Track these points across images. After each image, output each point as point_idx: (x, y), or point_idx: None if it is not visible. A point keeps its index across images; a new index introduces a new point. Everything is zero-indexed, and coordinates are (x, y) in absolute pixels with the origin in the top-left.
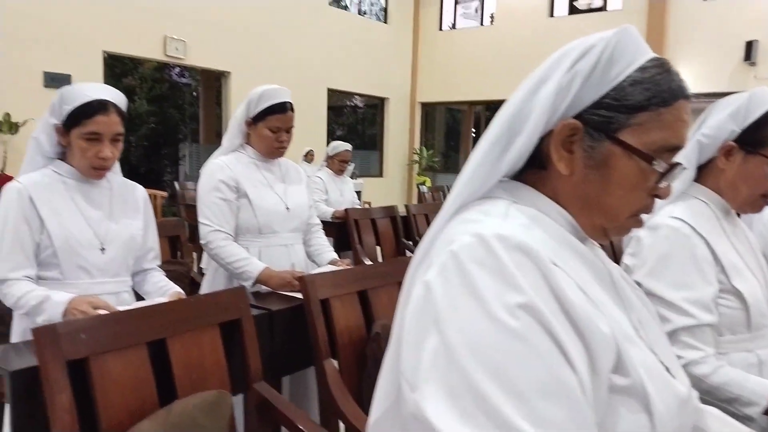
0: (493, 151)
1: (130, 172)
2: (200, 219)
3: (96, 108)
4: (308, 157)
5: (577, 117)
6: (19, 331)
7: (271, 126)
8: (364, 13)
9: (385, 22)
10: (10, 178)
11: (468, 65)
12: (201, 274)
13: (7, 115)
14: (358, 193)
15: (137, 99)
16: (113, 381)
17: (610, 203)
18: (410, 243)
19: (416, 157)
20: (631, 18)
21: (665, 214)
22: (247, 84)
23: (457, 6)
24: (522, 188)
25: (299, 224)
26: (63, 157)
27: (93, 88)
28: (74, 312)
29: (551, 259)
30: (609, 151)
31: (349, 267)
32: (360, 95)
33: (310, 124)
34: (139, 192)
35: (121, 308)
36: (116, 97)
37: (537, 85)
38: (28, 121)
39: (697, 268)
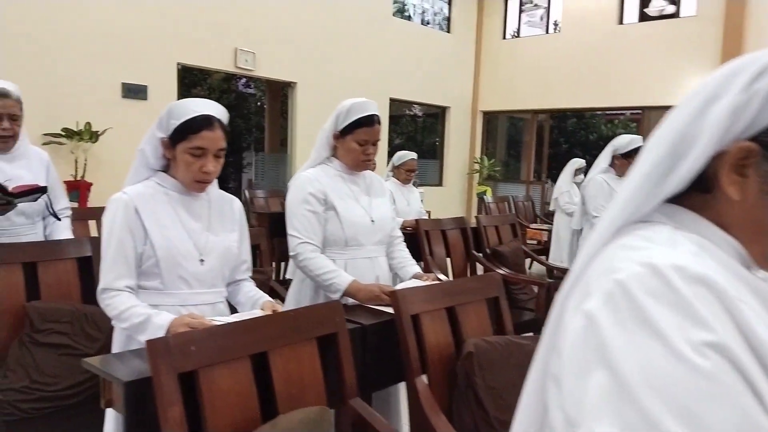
0: (654, 174)
1: None
2: (289, 231)
3: (202, 123)
4: None
5: (752, 139)
6: (120, 340)
7: (359, 139)
8: (428, 23)
9: (448, 32)
10: (89, 185)
11: (532, 73)
12: (279, 282)
13: (88, 124)
14: None
15: None
16: (220, 394)
17: None
18: (480, 255)
19: (477, 166)
20: (706, 25)
21: None
22: (312, 94)
23: (522, 14)
24: (682, 212)
25: (383, 237)
26: (166, 169)
27: (199, 103)
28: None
29: (733, 292)
30: None
31: (435, 282)
32: (421, 104)
33: None
34: (236, 205)
35: (218, 320)
36: (220, 112)
37: (705, 105)
38: (107, 130)
39: None
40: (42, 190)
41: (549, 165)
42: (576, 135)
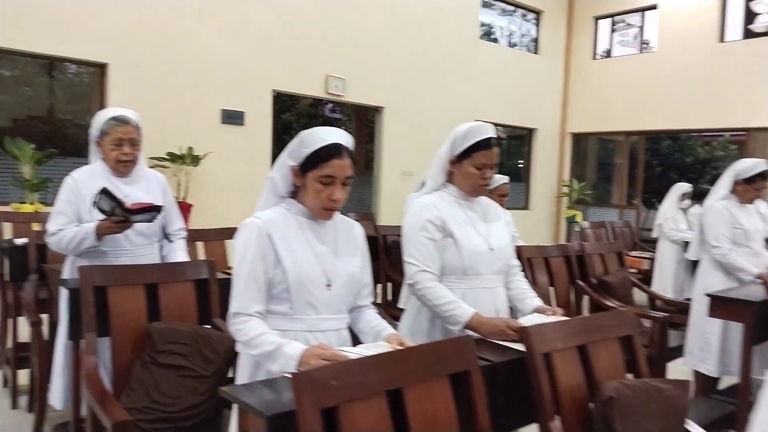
0: None
1: None
2: (407, 258)
3: (332, 152)
4: None
5: None
6: (247, 368)
7: (477, 163)
8: (515, 45)
9: (536, 53)
10: (190, 206)
11: (625, 94)
12: (387, 306)
13: (190, 148)
14: None
15: (294, 134)
16: (359, 431)
17: None
18: (585, 285)
19: (566, 190)
20: None
21: None
22: (399, 118)
23: (614, 33)
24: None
25: (502, 266)
26: (293, 195)
27: (329, 132)
28: (306, 366)
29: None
30: None
31: (564, 318)
32: (508, 127)
33: None
34: (357, 230)
35: (346, 351)
36: (349, 141)
37: None
38: (208, 154)
39: None
40: (157, 209)
41: (643, 188)
42: (670, 157)
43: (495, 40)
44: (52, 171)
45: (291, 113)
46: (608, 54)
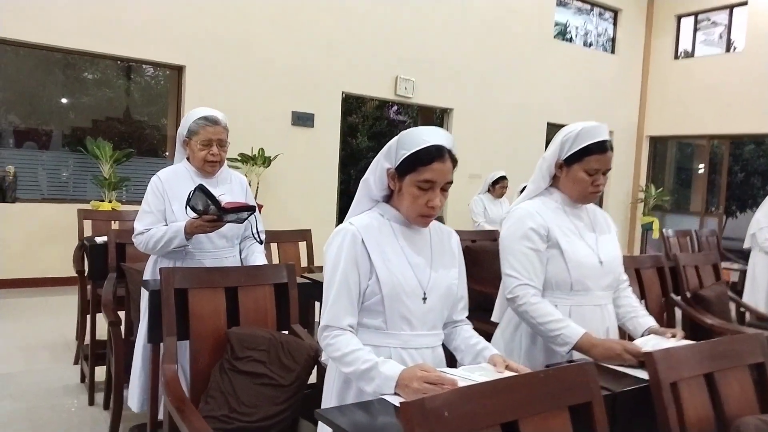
0: None
1: (348, 203)
2: (506, 270)
3: (433, 154)
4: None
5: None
6: (336, 385)
7: (589, 168)
8: (590, 45)
9: (613, 53)
10: (260, 207)
11: (708, 96)
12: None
13: (261, 150)
14: None
15: (359, 136)
16: None
17: None
18: (679, 299)
19: (642, 195)
20: None
21: None
22: (468, 120)
23: (697, 32)
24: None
25: (612, 280)
26: (388, 199)
27: (431, 132)
28: (406, 389)
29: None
30: None
31: (685, 341)
32: None
33: (529, 159)
34: (454, 238)
35: (448, 373)
36: (452, 142)
37: None
38: (279, 155)
39: None
40: (251, 209)
41: (726, 195)
42: (754, 163)
43: (570, 40)
44: (129, 170)
45: (356, 115)
46: (691, 54)
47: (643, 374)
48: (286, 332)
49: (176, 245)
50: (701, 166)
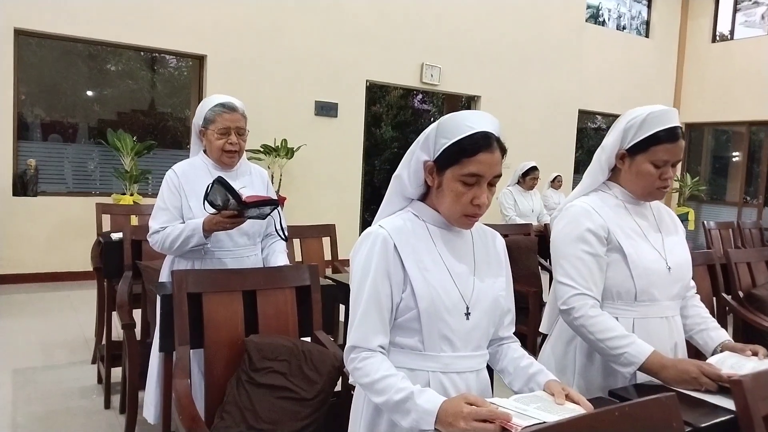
0: None
1: (372, 194)
2: (559, 277)
3: (480, 144)
4: (555, 183)
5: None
6: (365, 415)
7: (657, 159)
8: (624, 28)
9: (647, 36)
10: (283, 199)
11: (748, 80)
12: None
13: (284, 140)
14: None
15: (383, 126)
16: None
17: None
18: (730, 299)
19: (677, 185)
20: None
21: None
22: (496, 107)
23: (737, 13)
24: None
25: (681, 289)
26: (423, 197)
27: (475, 117)
28: (450, 428)
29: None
30: None
31: None
32: (616, 117)
33: (559, 149)
34: (499, 241)
35: (498, 405)
36: (499, 129)
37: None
38: (302, 146)
39: None
40: (274, 204)
41: (766, 185)
42: None
43: (602, 23)
44: (152, 163)
45: (380, 105)
46: (731, 36)
47: (724, 402)
48: (309, 340)
49: (194, 244)
50: (735, 154)
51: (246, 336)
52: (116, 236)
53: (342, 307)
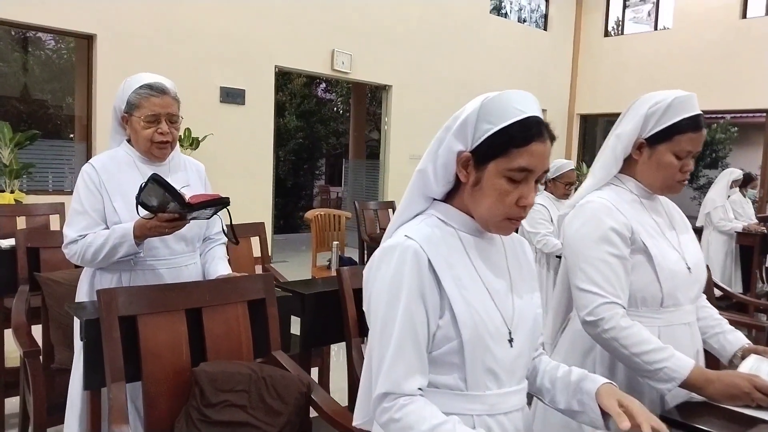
0: None
1: (278, 187)
2: (581, 284)
3: (532, 131)
4: None
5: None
6: None
7: (680, 149)
8: (524, 21)
9: (545, 29)
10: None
11: (638, 73)
12: None
13: (188, 130)
14: None
15: (287, 115)
16: None
17: None
18: None
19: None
20: None
21: None
22: (407, 97)
23: (626, 10)
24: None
25: (698, 291)
26: (447, 197)
27: (523, 99)
28: None
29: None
30: None
31: None
32: None
33: None
34: (527, 248)
35: None
36: (540, 112)
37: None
38: (208, 136)
39: None
40: (224, 202)
41: None
42: None
43: (505, 15)
44: (32, 155)
45: (283, 93)
46: (621, 31)
47: None
48: (267, 364)
49: (124, 253)
50: None
51: (192, 363)
52: (5, 243)
53: (293, 319)
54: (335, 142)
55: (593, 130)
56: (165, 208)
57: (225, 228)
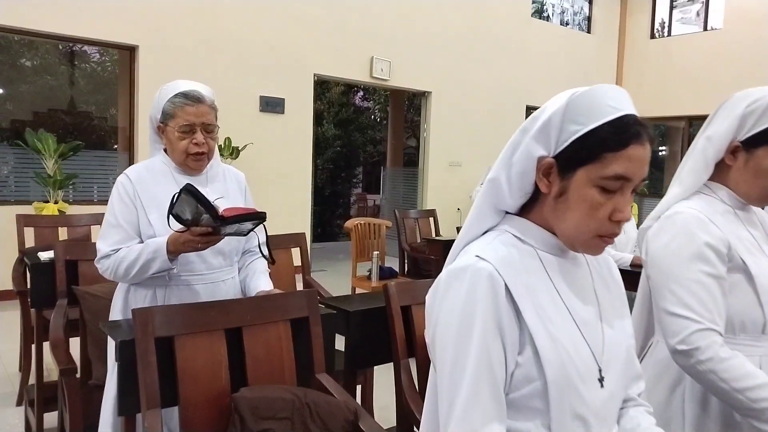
0: None
1: (316, 196)
2: (671, 307)
3: (630, 132)
4: None
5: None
6: None
7: None
8: (567, 24)
9: (589, 32)
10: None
11: (686, 76)
12: None
13: (228, 139)
14: None
15: (325, 123)
16: None
17: None
18: None
19: None
20: None
21: None
22: (447, 104)
23: (674, 11)
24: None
25: None
26: (522, 211)
27: (619, 95)
28: None
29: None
30: None
31: None
32: None
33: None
34: (613, 266)
35: None
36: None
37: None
38: (248, 145)
39: None
40: (261, 217)
41: None
42: None
43: (547, 18)
44: (76, 166)
45: (321, 102)
46: (668, 33)
47: None
48: (312, 390)
49: (157, 269)
50: (663, 148)
51: (232, 387)
52: (45, 256)
53: (339, 338)
54: (372, 150)
55: None
56: (199, 221)
57: (261, 246)
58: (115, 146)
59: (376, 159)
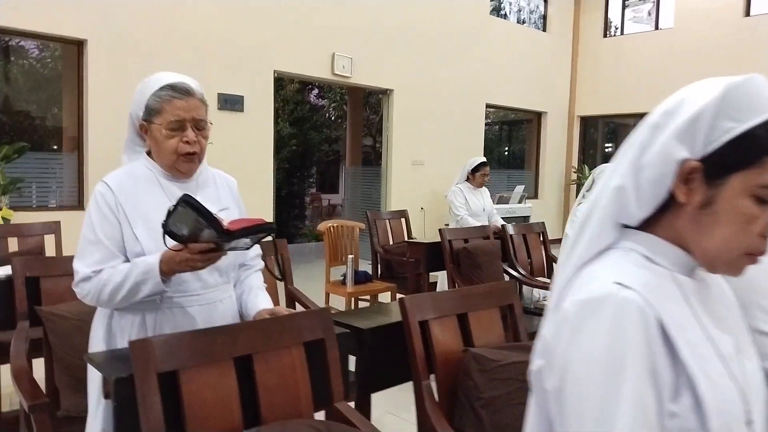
0: None
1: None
2: (763, 326)
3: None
4: (477, 179)
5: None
6: None
7: None
8: (524, 22)
9: (545, 30)
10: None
11: (639, 74)
12: None
13: None
14: (527, 218)
15: (280, 122)
16: None
17: None
18: None
19: (575, 177)
20: None
21: None
22: (409, 102)
23: (626, 10)
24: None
25: None
26: (646, 225)
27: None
28: None
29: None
30: None
31: None
32: (519, 110)
33: (471, 145)
34: (724, 283)
35: None
36: None
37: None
38: (207, 145)
39: None
40: (270, 229)
41: None
42: None
43: (505, 16)
44: (19, 169)
45: (276, 99)
46: (621, 31)
47: None
48: (331, 421)
49: (148, 292)
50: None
51: (244, 424)
52: (1, 272)
53: (351, 359)
54: (328, 148)
55: (593, 132)
56: (198, 237)
57: (268, 266)
58: (55, 147)
59: (331, 158)
